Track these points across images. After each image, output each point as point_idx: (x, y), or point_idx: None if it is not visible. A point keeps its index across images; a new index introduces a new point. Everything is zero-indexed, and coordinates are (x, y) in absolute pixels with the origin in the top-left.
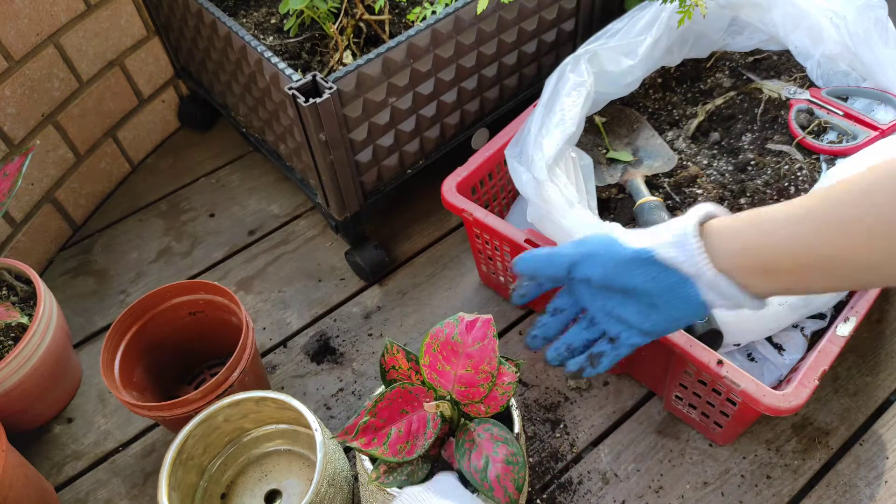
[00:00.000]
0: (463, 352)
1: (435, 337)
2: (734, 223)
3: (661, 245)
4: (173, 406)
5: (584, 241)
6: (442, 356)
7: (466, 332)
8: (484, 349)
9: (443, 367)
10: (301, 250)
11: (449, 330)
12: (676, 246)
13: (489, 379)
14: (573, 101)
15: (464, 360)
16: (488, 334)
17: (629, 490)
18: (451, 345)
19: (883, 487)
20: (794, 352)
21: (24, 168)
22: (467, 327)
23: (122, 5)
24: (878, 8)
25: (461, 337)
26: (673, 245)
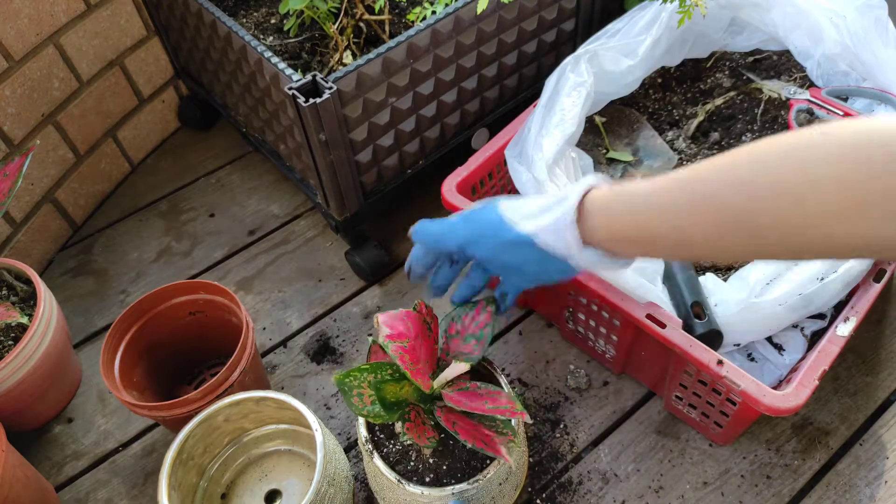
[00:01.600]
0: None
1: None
2: (604, 197)
3: (540, 231)
4: (173, 406)
5: (472, 217)
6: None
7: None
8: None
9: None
10: (301, 250)
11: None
12: (554, 233)
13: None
14: (573, 101)
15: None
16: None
17: (629, 490)
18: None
19: (883, 487)
20: (794, 352)
21: (24, 168)
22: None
23: (122, 5)
24: (878, 8)
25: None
26: (551, 231)
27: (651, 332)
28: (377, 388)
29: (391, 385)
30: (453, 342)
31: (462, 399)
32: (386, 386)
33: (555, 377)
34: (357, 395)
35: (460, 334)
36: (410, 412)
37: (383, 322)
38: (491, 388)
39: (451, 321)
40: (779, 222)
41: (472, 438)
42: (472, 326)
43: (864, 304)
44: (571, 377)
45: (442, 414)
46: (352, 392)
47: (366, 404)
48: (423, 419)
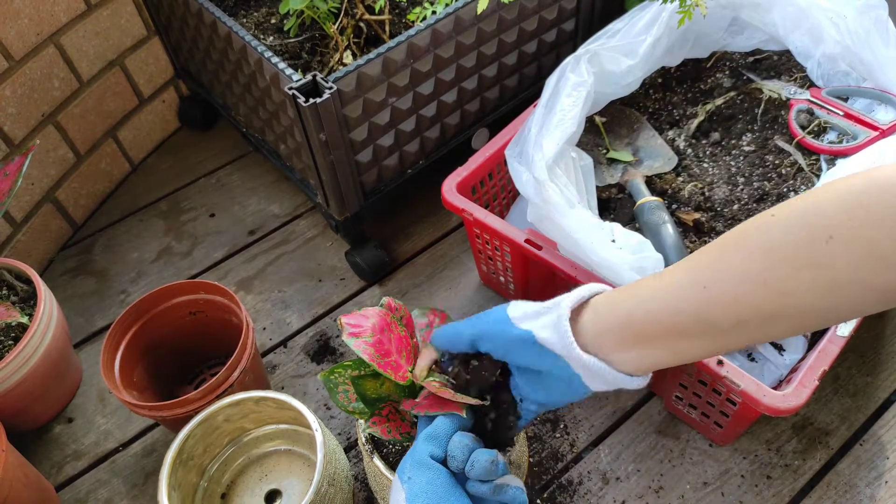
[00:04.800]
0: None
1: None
2: (608, 299)
3: (539, 328)
4: (173, 406)
5: (480, 318)
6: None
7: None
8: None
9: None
10: (301, 250)
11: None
12: (551, 328)
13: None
14: (573, 101)
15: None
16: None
17: (629, 490)
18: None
19: (883, 487)
20: (794, 352)
21: (24, 168)
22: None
23: (122, 5)
24: (879, 8)
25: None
26: (548, 327)
27: None
28: (356, 384)
29: (370, 381)
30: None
31: (440, 392)
32: (365, 381)
33: None
34: (342, 391)
35: (430, 326)
36: (384, 408)
37: (345, 322)
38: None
39: (416, 318)
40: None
41: (429, 407)
42: (437, 321)
43: None
44: None
45: (409, 404)
46: (337, 389)
47: (351, 401)
48: (400, 416)
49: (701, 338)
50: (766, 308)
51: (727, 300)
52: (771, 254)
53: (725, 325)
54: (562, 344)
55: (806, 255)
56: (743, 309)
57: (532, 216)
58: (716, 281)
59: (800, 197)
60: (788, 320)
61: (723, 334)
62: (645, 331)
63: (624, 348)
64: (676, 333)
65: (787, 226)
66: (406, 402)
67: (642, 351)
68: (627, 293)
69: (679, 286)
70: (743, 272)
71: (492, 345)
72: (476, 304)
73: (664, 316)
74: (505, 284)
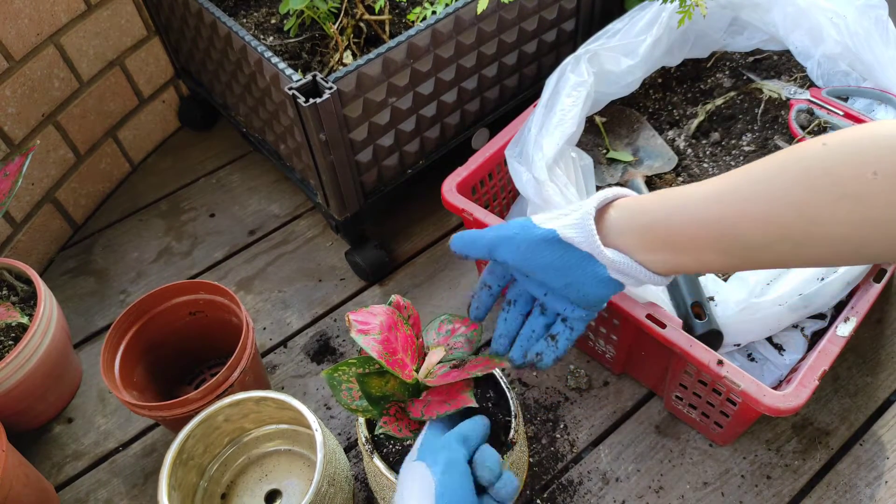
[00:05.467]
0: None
1: None
2: (637, 203)
3: (563, 226)
4: (173, 406)
5: (503, 225)
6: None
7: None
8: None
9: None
10: (301, 250)
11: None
12: (576, 227)
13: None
14: (573, 101)
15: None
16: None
17: (629, 490)
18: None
19: (883, 487)
20: (794, 352)
21: (24, 168)
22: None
23: (122, 5)
24: (879, 8)
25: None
26: (573, 226)
27: (651, 332)
28: (362, 382)
29: (376, 379)
30: (442, 339)
31: (444, 378)
32: (370, 380)
33: (555, 377)
34: (346, 389)
35: (451, 333)
36: (391, 407)
37: (353, 319)
38: (472, 359)
39: (440, 322)
40: (837, 215)
41: (439, 406)
42: (462, 328)
43: (865, 304)
44: (571, 377)
45: (414, 404)
46: (340, 387)
47: (354, 399)
48: (406, 413)
49: (727, 252)
50: (797, 233)
51: (760, 218)
52: (815, 178)
53: (752, 244)
54: (586, 240)
55: (849, 185)
56: (773, 230)
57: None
58: (754, 196)
59: (852, 129)
60: (815, 248)
61: (750, 251)
62: (673, 237)
63: (648, 250)
64: (702, 244)
65: (836, 155)
66: (413, 406)
67: (666, 255)
68: (656, 200)
69: (716, 197)
70: (783, 192)
71: (511, 248)
72: None
73: (693, 226)
74: None
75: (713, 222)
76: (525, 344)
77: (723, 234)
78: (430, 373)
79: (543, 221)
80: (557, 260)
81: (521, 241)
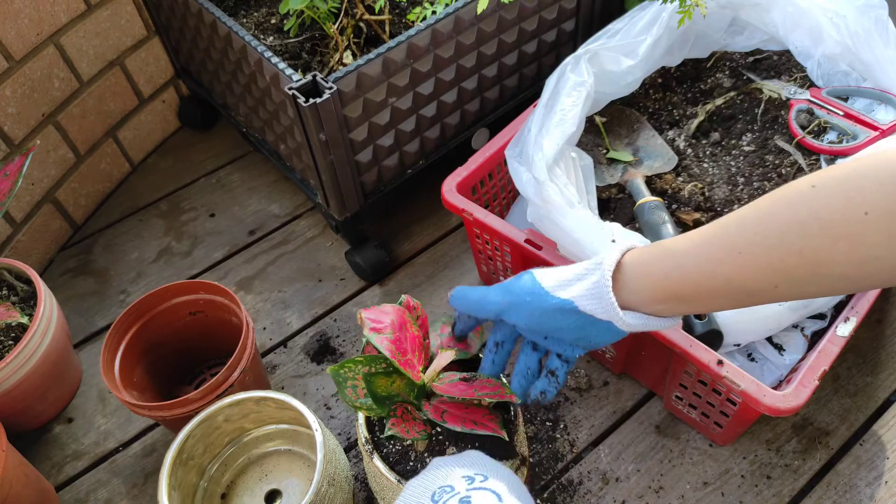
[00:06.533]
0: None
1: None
2: (643, 259)
3: (580, 297)
4: (173, 406)
5: (510, 288)
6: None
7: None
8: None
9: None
10: (301, 250)
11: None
12: (594, 298)
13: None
14: (573, 101)
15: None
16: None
17: (629, 490)
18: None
19: (883, 487)
20: (794, 352)
21: (24, 168)
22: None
23: (122, 5)
24: (878, 8)
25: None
26: (590, 297)
27: (651, 333)
28: (368, 382)
29: (382, 378)
30: (447, 341)
31: (452, 388)
32: (377, 379)
33: None
34: (351, 386)
35: (451, 336)
36: (397, 408)
37: (367, 316)
38: (481, 376)
39: (442, 324)
40: (837, 257)
41: (462, 422)
42: None
43: (865, 304)
44: (571, 377)
45: (430, 407)
46: (346, 384)
47: (359, 396)
48: (412, 415)
49: (734, 298)
50: (801, 275)
51: (761, 266)
52: (808, 224)
53: (758, 288)
54: (606, 311)
55: (842, 227)
56: (776, 275)
57: (532, 216)
58: (750, 246)
59: (838, 166)
60: (821, 286)
61: (755, 295)
62: (680, 290)
63: (657, 301)
64: (710, 293)
65: (826, 197)
66: (429, 408)
67: (676, 304)
68: (662, 253)
69: (714, 249)
70: (778, 240)
71: (524, 315)
72: None
73: (698, 277)
74: None
75: (715, 275)
76: (523, 381)
77: (727, 285)
78: (438, 377)
79: (556, 288)
80: (573, 324)
81: (535, 309)
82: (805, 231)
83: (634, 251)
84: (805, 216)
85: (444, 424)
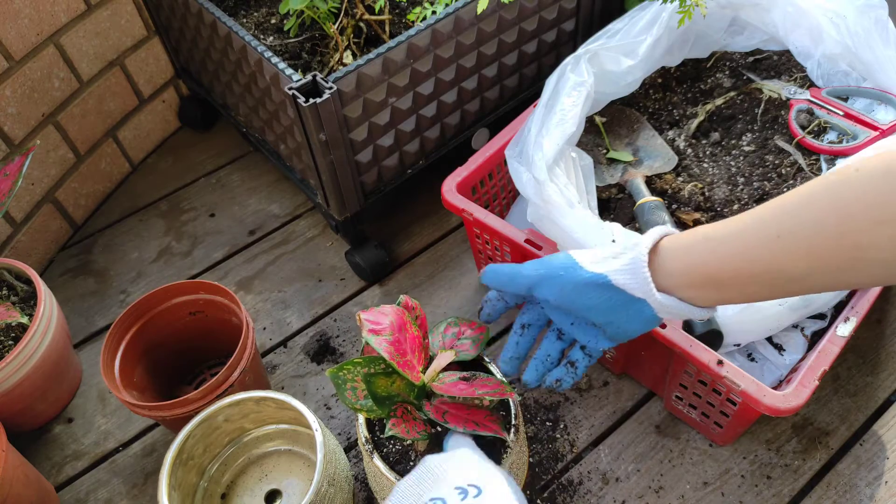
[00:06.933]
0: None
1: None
2: (680, 243)
3: (615, 271)
4: (173, 406)
5: (544, 261)
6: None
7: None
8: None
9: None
10: (301, 250)
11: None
12: (629, 272)
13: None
14: (573, 101)
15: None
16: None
17: (629, 490)
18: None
19: (883, 487)
20: (794, 352)
21: (24, 168)
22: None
23: (122, 5)
24: (878, 8)
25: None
26: (626, 271)
27: (652, 332)
28: (368, 382)
29: (382, 379)
30: (449, 342)
31: (452, 387)
32: (377, 380)
33: None
34: (350, 388)
35: (457, 336)
36: (397, 409)
37: (365, 318)
38: (481, 376)
39: (447, 325)
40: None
41: (464, 423)
42: (469, 331)
43: (865, 304)
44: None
45: (431, 407)
46: (345, 386)
47: (359, 398)
48: (412, 415)
49: (771, 284)
50: (839, 260)
51: (800, 251)
52: (849, 207)
53: (796, 274)
54: (640, 287)
55: (885, 210)
56: (815, 261)
57: (532, 216)
58: (790, 231)
59: (878, 155)
60: (860, 272)
61: (793, 282)
62: (717, 275)
63: (692, 287)
64: (747, 279)
65: (868, 181)
66: (431, 408)
67: (711, 291)
68: (699, 237)
69: (752, 234)
70: (819, 224)
71: (555, 288)
72: (476, 304)
73: (736, 262)
74: None
75: (754, 260)
76: (541, 367)
77: (765, 270)
78: (438, 378)
79: (590, 263)
80: (605, 302)
81: (567, 282)
82: (846, 212)
83: (671, 236)
84: (848, 199)
85: (445, 425)
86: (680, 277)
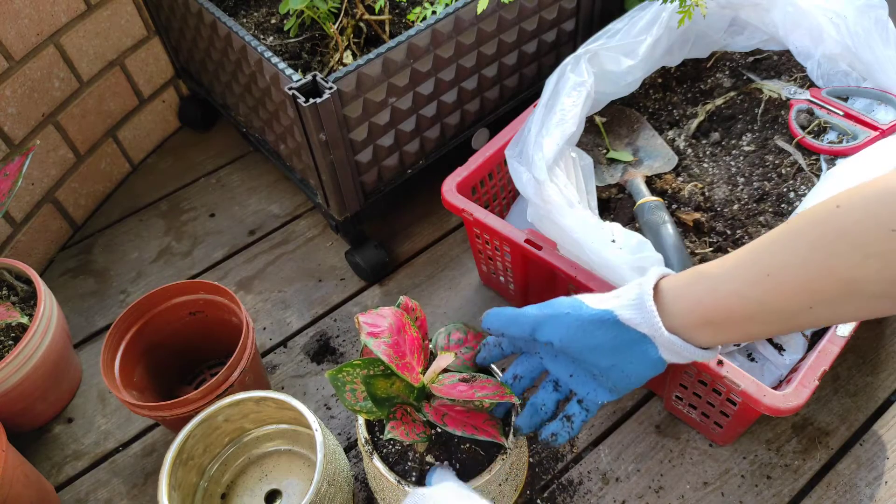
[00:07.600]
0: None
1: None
2: (679, 282)
3: (621, 307)
4: (173, 406)
5: (550, 302)
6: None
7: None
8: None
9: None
10: (301, 250)
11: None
12: (635, 307)
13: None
14: (573, 101)
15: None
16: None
17: (629, 490)
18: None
19: (883, 487)
20: (795, 352)
21: (24, 168)
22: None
23: (122, 5)
24: (878, 8)
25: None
26: (631, 307)
27: None
28: (367, 384)
29: (381, 380)
30: (453, 346)
31: (451, 389)
32: (376, 381)
33: None
34: (350, 390)
35: (462, 343)
36: (396, 410)
37: (363, 321)
38: (481, 377)
39: (454, 329)
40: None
41: (462, 426)
42: (473, 342)
43: None
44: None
45: (430, 409)
46: (344, 388)
47: (358, 400)
48: (411, 416)
49: (769, 322)
50: (832, 295)
51: (792, 288)
52: (836, 243)
53: (793, 310)
54: (646, 322)
55: (871, 245)
56: (809, 296)
57: (532, 216)
58: (780, 269)
59: (861, 186)
60: (856, 304)
61: (792, 318)
62: (715, 315)
63: (693, 327)
64: (745, 318)
65: (850, 216)
66: (430, 410)
67: (713, 331)
68: (695, 277)
69: (743, 272)
70: (807, 260)
71: (560, 328)
72: (476, 304)
73: (731, 301)
74: (505, 284)
75: (748, 298)
76: (535, 417)
77: (760, 310)
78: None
79: (596, 302)
80: (610, 341)
81: (573, 321)
82: (832, 249)
83: (669, 276)
84: (832, 234)
85: (444, 428)
86: (681, 318)
